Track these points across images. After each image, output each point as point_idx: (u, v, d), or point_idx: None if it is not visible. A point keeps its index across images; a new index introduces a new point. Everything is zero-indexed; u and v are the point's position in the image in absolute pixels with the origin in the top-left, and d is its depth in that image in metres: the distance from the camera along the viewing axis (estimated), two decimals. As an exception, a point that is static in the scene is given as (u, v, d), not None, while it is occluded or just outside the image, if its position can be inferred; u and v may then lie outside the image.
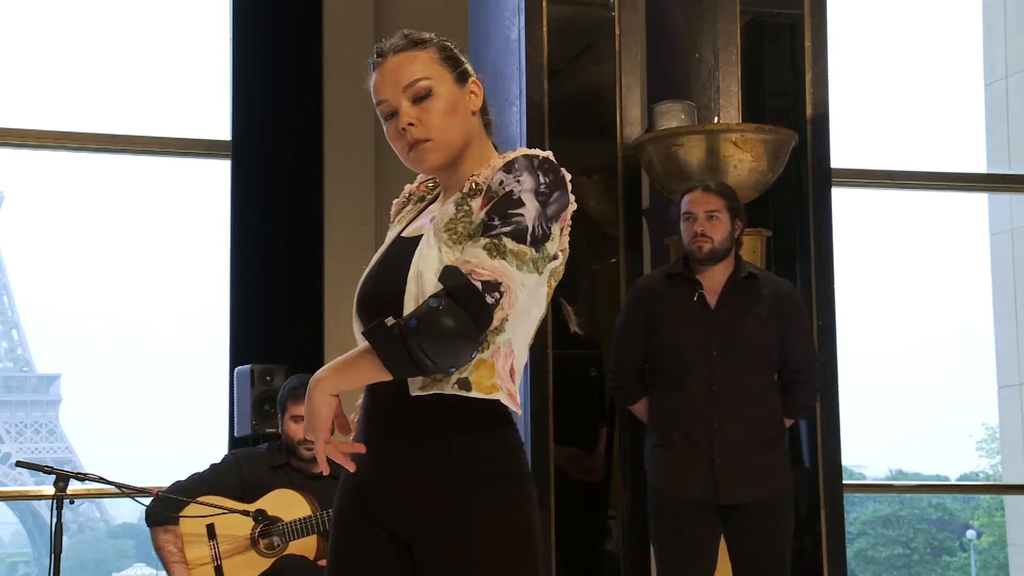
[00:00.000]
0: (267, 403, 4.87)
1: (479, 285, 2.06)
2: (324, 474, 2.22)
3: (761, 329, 4.02)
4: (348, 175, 5.67)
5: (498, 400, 2.15)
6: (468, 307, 2.05)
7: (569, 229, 2.21)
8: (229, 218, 5.62)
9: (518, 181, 2.12)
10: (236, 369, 5.12)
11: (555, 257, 2.17)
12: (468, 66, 2.27)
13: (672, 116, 4.69)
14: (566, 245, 2.21)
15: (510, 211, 2.10)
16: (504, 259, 2.08)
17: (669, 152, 4.59)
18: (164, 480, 4.39)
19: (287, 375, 4.82)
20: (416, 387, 2.12)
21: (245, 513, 4.09)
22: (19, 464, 3.90)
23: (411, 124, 2.20)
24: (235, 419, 5.08)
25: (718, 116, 4.76)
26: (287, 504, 4.23)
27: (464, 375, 2.12)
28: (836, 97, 5.01)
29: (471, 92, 2.25)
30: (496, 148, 2.30)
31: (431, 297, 2.07)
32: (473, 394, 2.12)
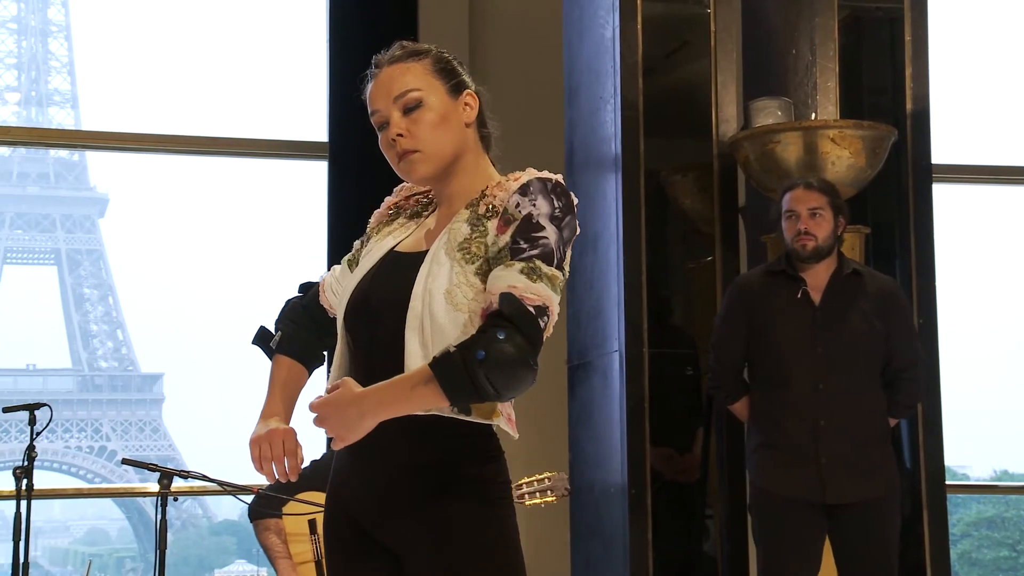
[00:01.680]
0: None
1: (533, 311, 2.05)
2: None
3: (868, 326, 3.95)
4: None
5: (493, 424, 2.15)
6: (528, 335, 2.04)
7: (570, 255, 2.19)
8: (326, 219, 5.67)
9: (534, 204, 2.11)
10: (334, 368, 5.16)
11: None
12: (466, 78, 2.26)
13: (768, 113, 4.64)
14: (568, 269, 2.20)
15: (534, 234, 2.10)
16: (543, 282, 2.08)
17: (766, 149, 4.54)
18: (264, 478, 4.43)
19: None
20: None
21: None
22: (125, 462, 3.95)
23: (400, 135, 2.21)
24: (333, 418, 5.12)
25: (815, 112, 4.71)
26: None
27: None
28: (936, 91, 4.94)
29: (465, 104, 2.24)
30: (493, 163, 2.28)
31: (492, 327, 2.04)
32: (472, 418, 2.11)
